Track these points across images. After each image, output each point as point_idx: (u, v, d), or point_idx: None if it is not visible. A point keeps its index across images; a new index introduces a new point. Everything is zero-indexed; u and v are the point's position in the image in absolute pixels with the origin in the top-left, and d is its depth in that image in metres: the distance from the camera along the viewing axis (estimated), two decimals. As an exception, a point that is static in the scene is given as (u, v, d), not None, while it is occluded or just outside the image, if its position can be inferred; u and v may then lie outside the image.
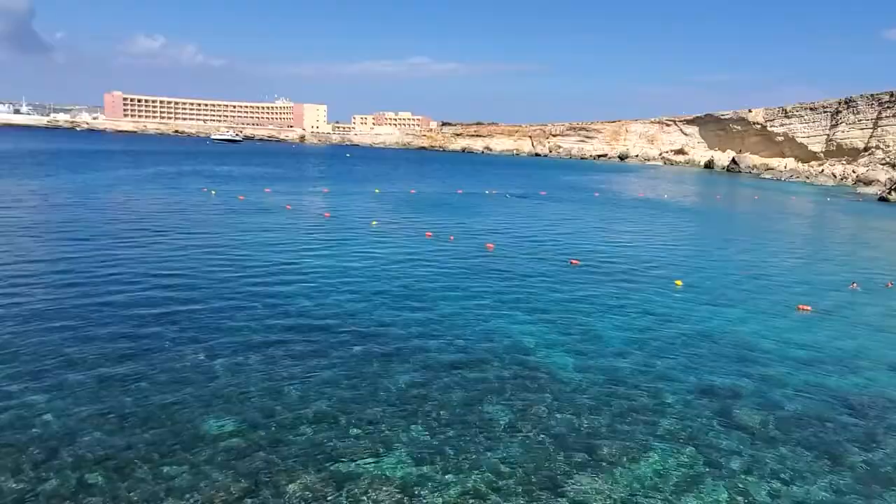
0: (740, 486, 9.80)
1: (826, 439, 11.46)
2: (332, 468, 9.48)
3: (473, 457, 10.10)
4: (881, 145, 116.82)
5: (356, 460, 9.75)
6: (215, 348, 13.93)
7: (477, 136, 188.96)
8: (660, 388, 13.32)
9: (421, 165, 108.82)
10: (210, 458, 9.53)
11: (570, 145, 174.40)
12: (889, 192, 73.69)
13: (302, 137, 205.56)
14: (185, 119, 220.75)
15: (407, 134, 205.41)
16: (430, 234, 31.49)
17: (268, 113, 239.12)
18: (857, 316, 20.22)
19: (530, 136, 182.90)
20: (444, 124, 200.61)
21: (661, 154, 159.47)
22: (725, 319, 18.82)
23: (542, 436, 10.94)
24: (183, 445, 9.83)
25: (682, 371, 14.37)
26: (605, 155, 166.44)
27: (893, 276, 27.26)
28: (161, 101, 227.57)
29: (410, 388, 12.54)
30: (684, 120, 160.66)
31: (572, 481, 9.58)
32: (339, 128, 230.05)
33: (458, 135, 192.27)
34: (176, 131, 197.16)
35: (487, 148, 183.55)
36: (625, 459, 10.33)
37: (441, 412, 11.56)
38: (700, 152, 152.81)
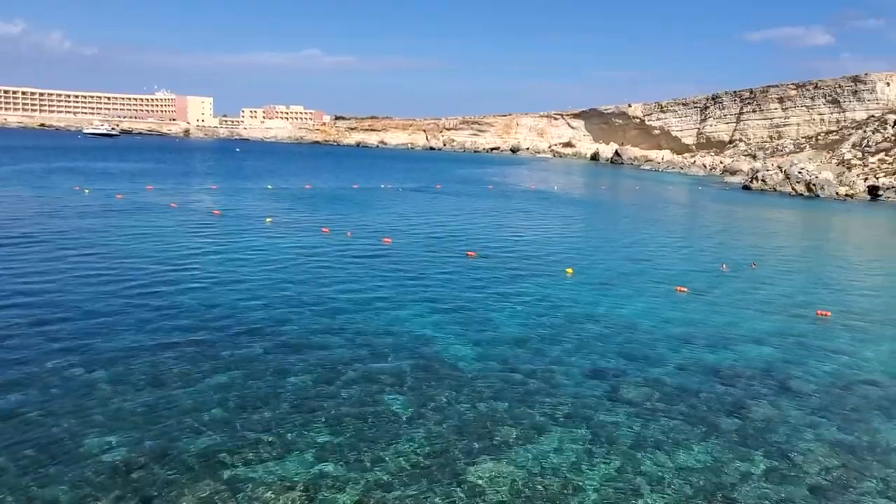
0: (629, 458, 10.43)
1: (702, 409, 12.43)
2: (228, 476, 9.12)
3: (376, 451, 10.08)
4: (743, 138, 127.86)
5: (255, 465, 9.45)
6: (95, 360, 12.96)
7: (371, 130, 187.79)
8: (554, 371, 13.90)
9: (315, 160, 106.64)
10: (92, 477, 8.88)
11: (464, 139, 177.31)
12: (751, 181, 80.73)
13: (186, 131, 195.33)
14: (52, 112, 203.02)
15: (300, 128, 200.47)
16: (327, 229, 30.98)
17: (147, 105, 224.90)
18: (727, 295, 22.04)
19: (425, 130, 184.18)
20: (337, 118, 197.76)
21: (550, 147, 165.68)
22: (612, 303, 19.91)
23: (444, 425, 11.11)
24: (61, 466, 9.10)
25: (574, 354, 15.06)
26: (497, 148, 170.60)
27: (757, 257, 29.95)
28: (24, 92, 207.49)
29: (310, 387, 12.31)
30: (571, 114, 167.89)
31: (474, 467, 9.80)
32: (226, 121, 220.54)
33: (352, 129, 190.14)
34: (42, 125, 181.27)
35: (382, 142, 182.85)
36: (523, 442, 10.70)
37: (342, 409, 11.44)
38: (586, 145, 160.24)
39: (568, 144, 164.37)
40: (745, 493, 9.57)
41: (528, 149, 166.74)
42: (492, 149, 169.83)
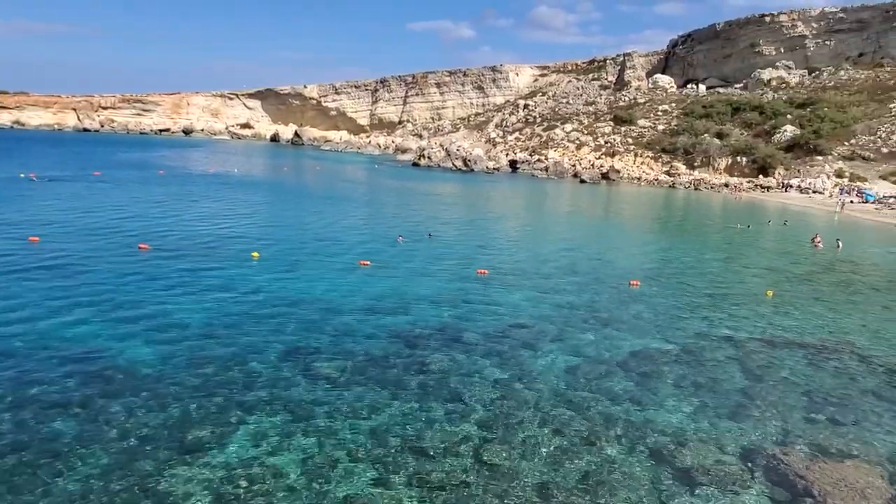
0: (328, 431, 10.80)
1: (390, 372, 13.47)
2: None
3: (41, 487, 8.63)
4: (410, 119, 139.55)
5: None
6: None
7: (2, 107, 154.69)
8: (248, 359, 13.55)
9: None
10: None
11: (126, 119, 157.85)
12: (419, 158, 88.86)
13: None
14: None
15: None
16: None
17: None
18: (405, 264, 24.06)
19: (75, 109, 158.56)
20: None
21: (227, 128, 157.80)
22: (301, 283, 20.13)
23: (125, 440, 10.02)
24: None
25: (267, 338, 14.89)
26: (167, 129, 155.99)
27: (432, 227, 33.23)
28: None
29: (-65, 431, 9.88)
30: (247, 94, 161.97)
31: (165, 477, 9.09)
32: None
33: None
34: None
35: (18, 122, 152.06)
36: (220, 439, 10.27)
37: (-14, 449, 9.47)
38: (265, 126, 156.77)
39: (246, 125, 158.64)
40: (428, 439, 10.71)
41: (202, 130, 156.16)
42: (161, 130, 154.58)
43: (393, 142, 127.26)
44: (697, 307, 20.36)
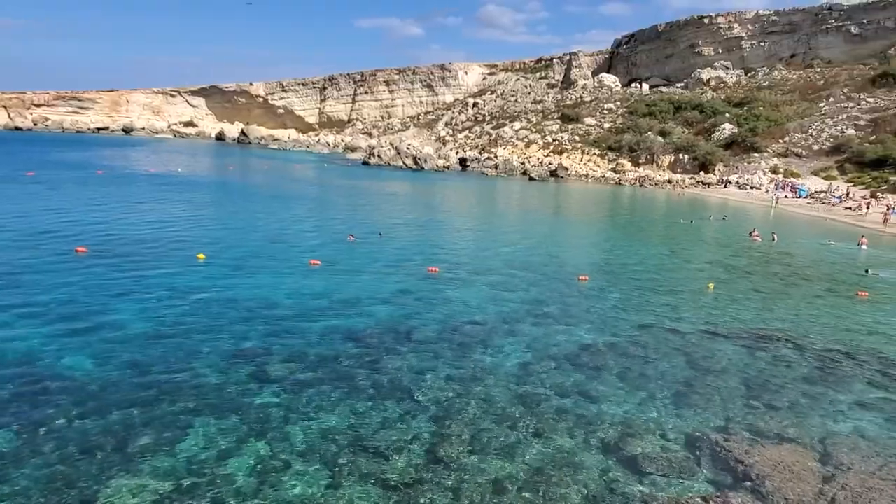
0: (278, 434, 10.65)
1: (342, 372, 13.36)
2: None
3: (-29, 505, 8.24)
4: (360, 117, 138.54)
5: None
6: None
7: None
8: (194, 364, 13.22)
9: None
10: None
11: (62, 117, 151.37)
12: (369, 157, 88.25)
13: None
14: None
15: None
16: None
17: None
18: (356, 263, 23.89)
19: (5, 107, 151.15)
20: None
21: (170, 126, 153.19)
22: (249, 284, 19.75)
23: (63, 451, 9.64)
24: None
25: (214, 342, 14.55)
26: (106, 128, 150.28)
27: (383, 226, 33.07)
28: None
29: None
30: (190, 91, 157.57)
31: (108, 487, 8.81)
32: None
33: None
34: None
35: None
36: (166, 447, 9.99)
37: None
38: (210, 124, 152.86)
39: (190, 124, 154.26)
40: (381, 438, 10.69)
41: (143, 129, 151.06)
42: (99, 129, 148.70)
43: (342, 140, 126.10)
44: (643, 300, 20.92)
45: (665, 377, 14.12)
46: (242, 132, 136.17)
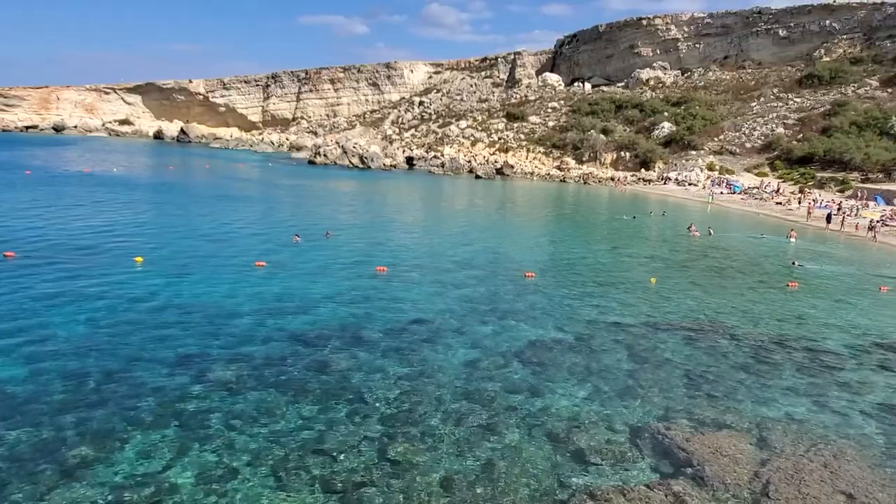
0: (224, 440, 10.40)
1: (290, 374, 13.16)
2: None
3: None
4: (305, 116, 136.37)
5: None
6: None
7: None
8: (133, 371, 12.78)
9: None
10: None
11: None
12: (315, 156, 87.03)
13: None
14: None
15: None
16: None
17: None
18: (303, 263, 23.55)
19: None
20: None
21: (104, 124, 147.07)
22: (191, 287, 19.21)
23: (-6, 466, 9.16)
24: None
25: (156, 347, 14.09)
26: (35, 126, 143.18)
27: (330, 226, 32.68)
28: None
29: None
30: (125, 88, 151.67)
31: (44, 503, 8.41)
32: None
33: None
34: None
35: None
36: (105, 458, 9.64)
37: None
38: (147, 122, 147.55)
39: (126, 122, 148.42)
40: (330, 440, 10.58)
41: (76, 127, 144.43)
42: (27, 127, 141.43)
43: (287, 139, 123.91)
44: (588, 296, 21.38)
45: (610, 370, 14.47)
46: (182, 131, 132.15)
